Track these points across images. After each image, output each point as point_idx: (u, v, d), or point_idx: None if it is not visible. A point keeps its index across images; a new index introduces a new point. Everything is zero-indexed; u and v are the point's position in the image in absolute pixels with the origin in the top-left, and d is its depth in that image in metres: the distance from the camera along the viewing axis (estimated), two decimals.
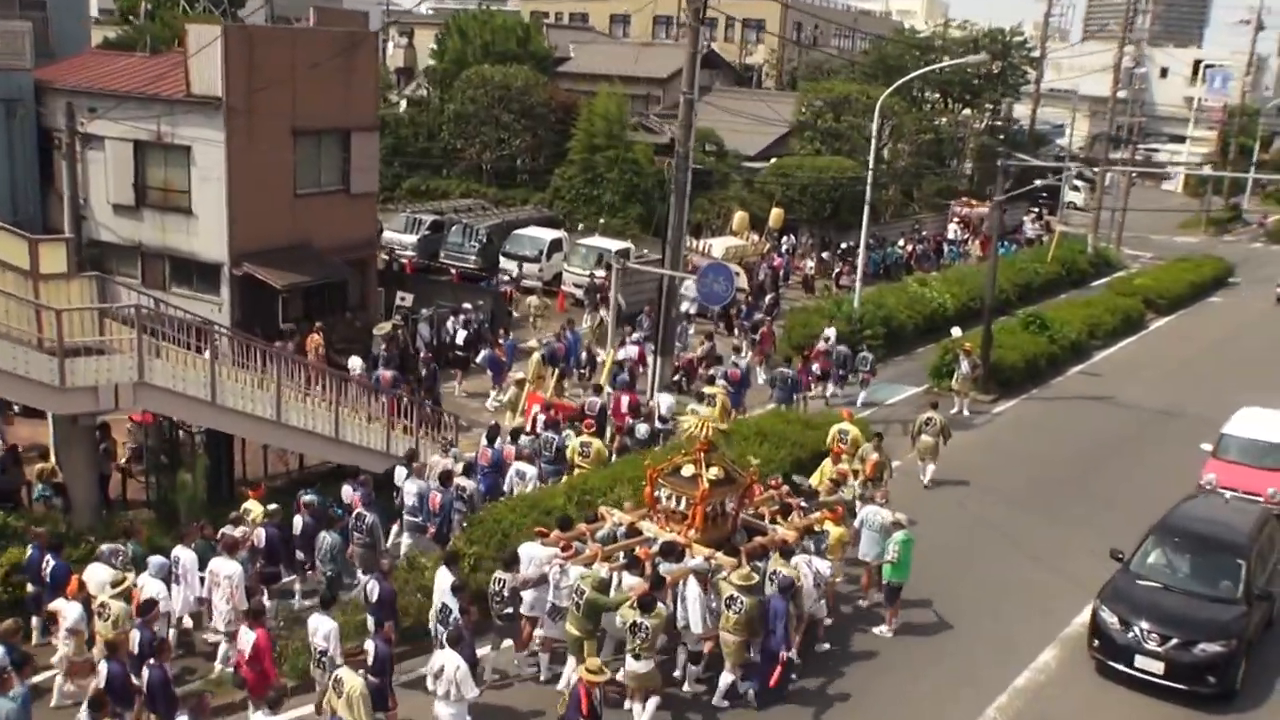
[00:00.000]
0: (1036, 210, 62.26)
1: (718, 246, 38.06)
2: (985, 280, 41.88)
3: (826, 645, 17.18)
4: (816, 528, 17.36)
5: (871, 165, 34.54)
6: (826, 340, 30.52)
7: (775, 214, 41.40)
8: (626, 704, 14.75)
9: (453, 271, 37.59)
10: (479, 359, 28.23)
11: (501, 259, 38.05)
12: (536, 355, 27.16)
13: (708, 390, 25.67)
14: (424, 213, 40.67)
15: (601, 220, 43.82)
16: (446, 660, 13.21)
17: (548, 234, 39.02)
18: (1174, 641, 16.29)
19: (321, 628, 13.87)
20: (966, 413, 29.28)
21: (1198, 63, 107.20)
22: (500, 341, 28.18)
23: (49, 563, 15.31)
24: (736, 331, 33.93)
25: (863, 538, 18.44)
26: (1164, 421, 30.39)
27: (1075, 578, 19.74)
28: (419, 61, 67.52)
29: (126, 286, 21.96)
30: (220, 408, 18.89)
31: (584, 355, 29.70)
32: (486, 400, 27.81)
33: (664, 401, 24.77)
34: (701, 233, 42.21)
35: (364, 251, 30.44)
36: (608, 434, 23.89)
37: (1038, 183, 48.87)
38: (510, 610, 15.35)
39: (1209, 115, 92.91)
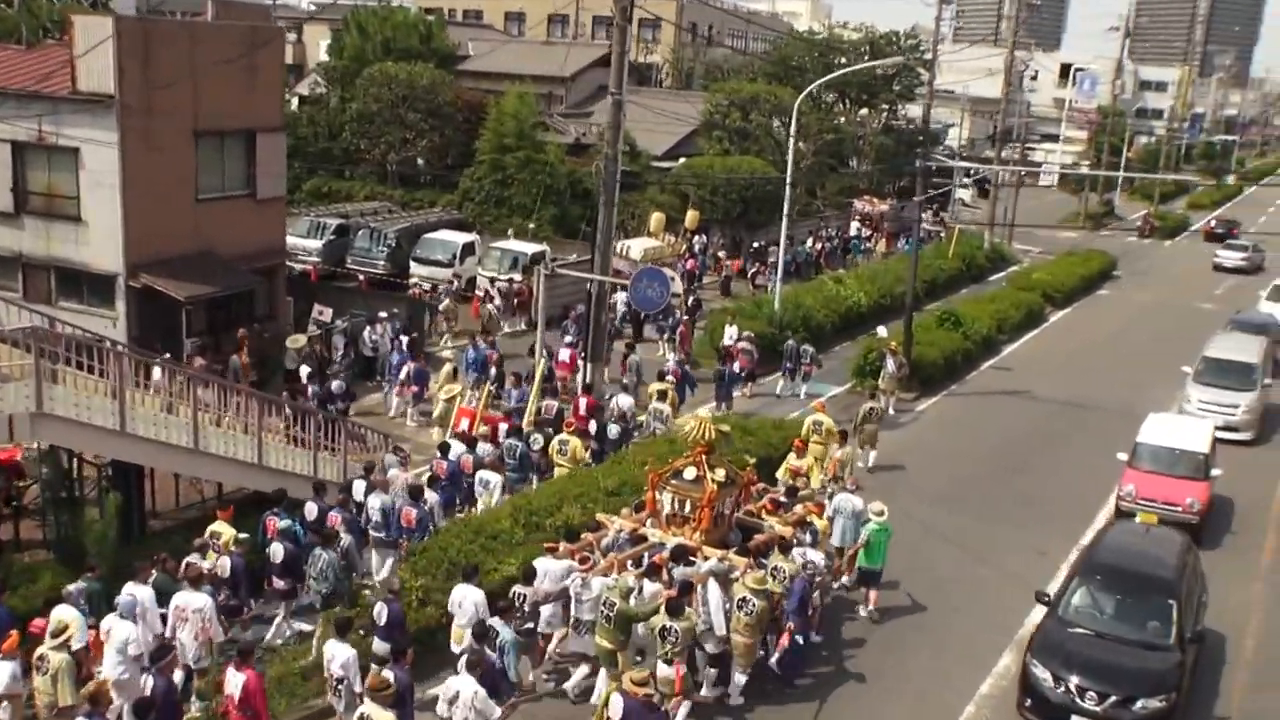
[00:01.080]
0: (933, 208, 62.09)
1: (635, 249, 36.50)
2: (896, 278, 41.86)
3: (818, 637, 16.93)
4: (807, 520, 17.29)
5: (790, 164, 33.30)
6: (732, 340, 29.74)
7: (691, 215, 40.03)
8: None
9: (360, 278, 35.39)
10: (403, 372, 26.24)
11: (412, 264, 35.89)
12: (447, 367, 25.19)
13: (656, 387, 24.99)
14: (328, 216, 38.15)
15: (514, 222, 41.92)
16: (463, 685, 12.32)
17: (460, 237, 36.95)
18: (1112, 699, 14.74)
19: (339, 655, 13.01)
20: (892, 411, 28.39)
21: (1065, 66, 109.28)
22: (424, 351, 26.24)
23: None
24: (659, 334, 32.43)
25: (836, 525, 18.33)
26: (1076, 414, 30.38)
27: (1017, 575, 19.74)
28: (309, 58, 64.59)
29: (6, 301, 19.61)
30: (130, 437, 16.69)
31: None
32: (408, 416, 25.79)
33: (624, 402, 23.93)
34: (624, 233, 40.62)
35: (272, 260, 28.00)
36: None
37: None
38: (531, 625, 14.58)
39: (1080, 117, 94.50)
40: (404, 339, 27.12)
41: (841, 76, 49.31)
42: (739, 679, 15.14)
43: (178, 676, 13.32)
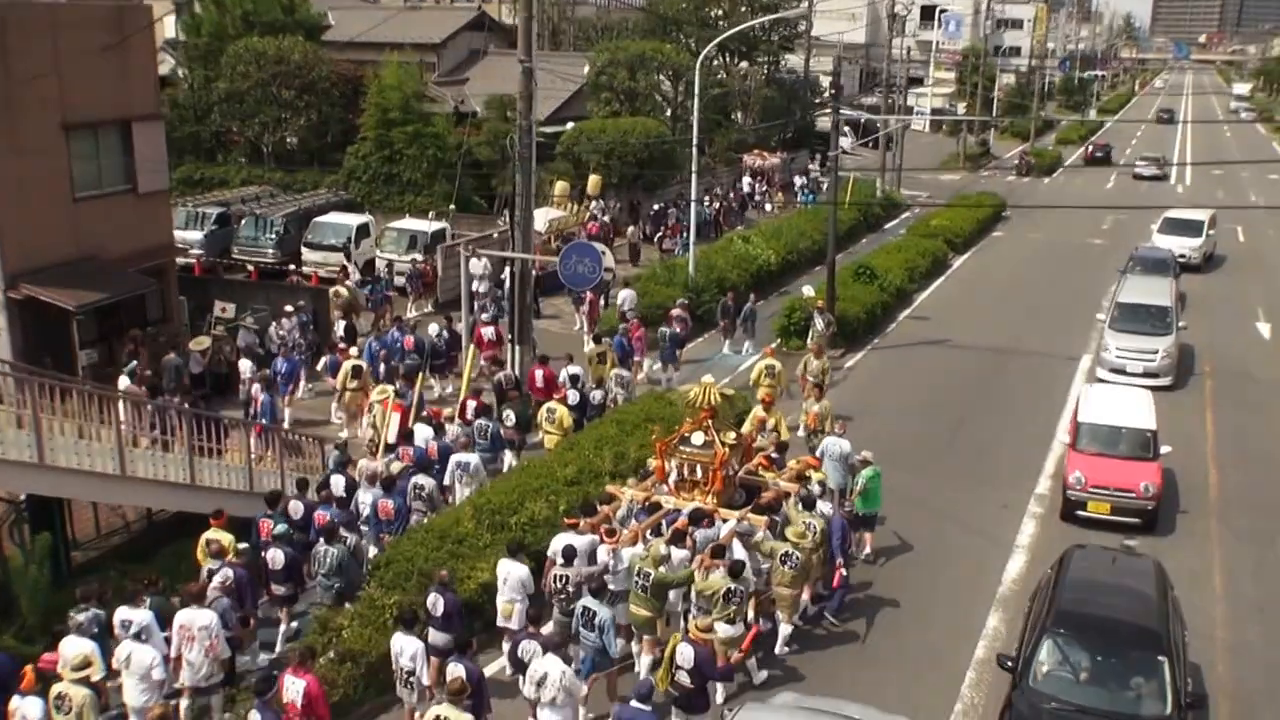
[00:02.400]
0: (816, 156, 62.18)
1: (539, 219, 35.29)
2: (799, 232, 41.68)
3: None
4: (805, 474, 17.46)
5: (696, 124, 32.61)
6: (620, 305, 29.22)
7: (593, 180, 39.04)
8: None
9: (250, 268, 33.64)
10: (320, 365, 24.91)
11: (303, 249, 34.16)
12: (347, 365, 23.54)
13: (593, 349, 25.15)
14: (207, 205, 35.94)
15: (406, 200, 40.41)
16: (550, 666, 12.36)
17: (353, 219, 35.26)
18: None
19: (408, 648, 12.93)
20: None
21: (925, 8, 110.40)
22: (342, 344, 24.90)
23: None
24: (575, 305, 31.50)
25: (825, 467, 18.58)
26: (1000, 360, 30.69)
27: (985, 531, 20.12)
28: (156, 36, 61.19)
29: None
30: (52, 469, 15.25)
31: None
32: (332, 413, 24.47)
33: (572, 372, 23.49)
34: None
35: (161, 258, 26.18)
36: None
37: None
38: (573, 607, 14.05)
39: (948, 58, 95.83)
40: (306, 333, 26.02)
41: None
42: (785, 630, 15.65)
43: (184, 702, 13.32)
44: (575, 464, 19.22)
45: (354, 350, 24.45)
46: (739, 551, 14.88)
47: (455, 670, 12.17)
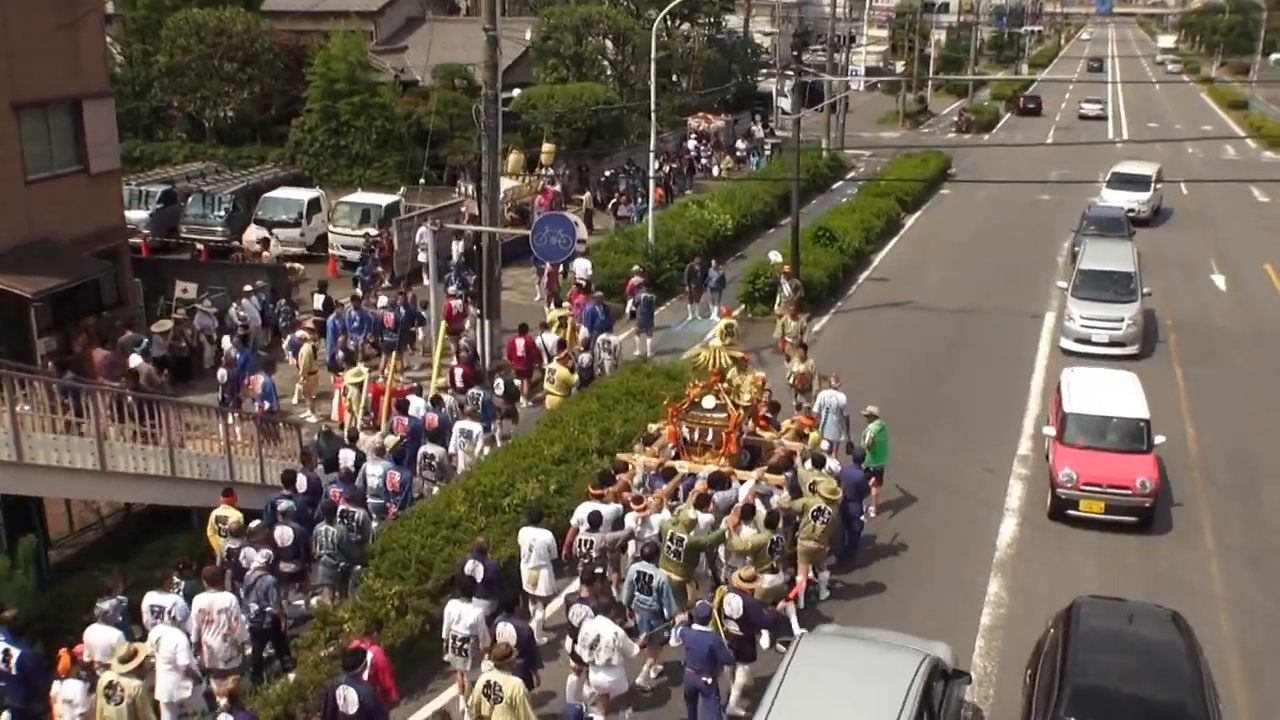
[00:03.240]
0: (759, 117, 61.90)
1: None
2: (751, 196, 41.45)
3: None
4: (804, 432, 17.90)
5: (653, 89, 32.24)
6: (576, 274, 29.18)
7: (547, 148, 38.48)
8: None
9: (199, 248, 32.76)
10: (285, 344, 24.35)
11: (253, 227, 33.29)
12: (306, 348, 23.17)
13: (555, 314, 25.69)
14: (151, 183, 34.86)
15: (354, 173, 39.53)
16: (602, 629, 12.52)
17: (304, 194, 34.39)
18: None
19: (466, 616, 12.87)
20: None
21: None
22: (308, 323, 24.36)
23: (9, 651, 12.11)
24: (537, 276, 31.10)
25: (823, 420, 19.26)
26: (964, 320, 30.68)
27: (974, 495, 20.04)
28: None
29: None
30: (30, 467, 14.69)
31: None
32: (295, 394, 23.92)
33: (550, 340, 24.07)
34: (478, 175, 38.66)
35: (114, 240, 25.35)
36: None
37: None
38: (600, 570, 14.28)
39: (881, 15, 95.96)
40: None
41: None
42: (824, 576, 16.34)
43: (199, 687, 13.05)
44: (561, 442, 18.94)
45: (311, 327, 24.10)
46: (761, 512, 15.13)
47: (505, 631, 12.51)
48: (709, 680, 12.52)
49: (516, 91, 45.26)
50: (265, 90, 43.18)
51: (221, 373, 21.50)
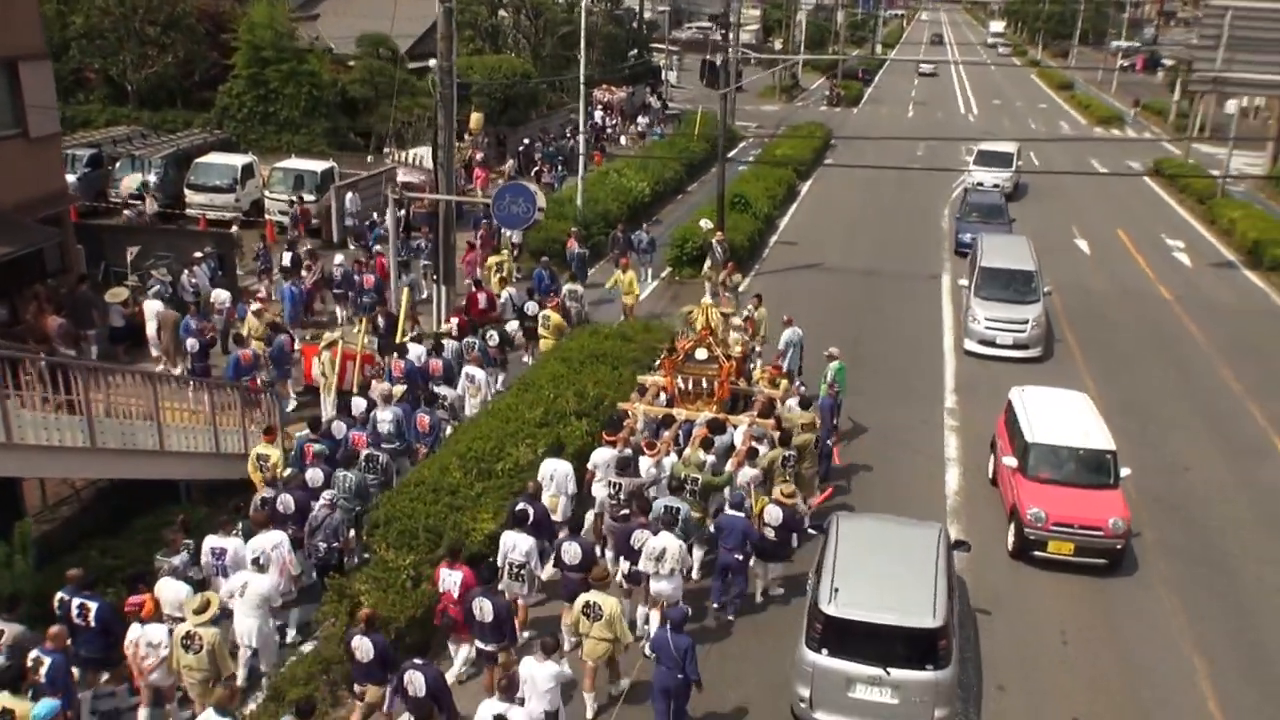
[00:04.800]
0: (647, 88, 60.72)
1: (428, 156, 32.95)
2: (662, 164, 40.35)
3: None
4: (776, 381, 18.29)
5: (583, 62, 30.85)
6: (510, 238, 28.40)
7: (475, 118, 36.52)
8: None
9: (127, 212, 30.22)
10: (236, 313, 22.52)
11: (187, 191, 30.89)
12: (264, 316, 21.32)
13: (494, 259, 25.44)
14: (77, 147, 31.74)
15: (283, 139, 37.09)
16: (668, 542, 12.86)
17: (238, 159, 31.86)
18: None
19: (520, 544, 12.92)
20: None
21: None
22: (260, 294, 22.57)
23: (85, 605, 11.56)
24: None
25: (788, 355, 20.38)
26: (871, 281, 30.46)
27: (913, 446, 19.80)
28: None
29: None
30: (20, 448, 12.94)
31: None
32: None
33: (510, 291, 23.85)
34: (402, 143, 36.76)
35: (57, 206, 23.03)
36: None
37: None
38: (626, 511, 14.04)
39: None
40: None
41: None
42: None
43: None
44: (540, 405, 17.81)
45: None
46: (763, 450, 15.79)
47: (571, 549, 12.97)
48: (740, 558, 13.77)
49: (432, 62, 43.21)
50: (188, 55, 40.09)
51: (191, 342, 19.66)
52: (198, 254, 23.75)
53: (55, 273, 22.92)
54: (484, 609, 11.68)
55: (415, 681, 10.69)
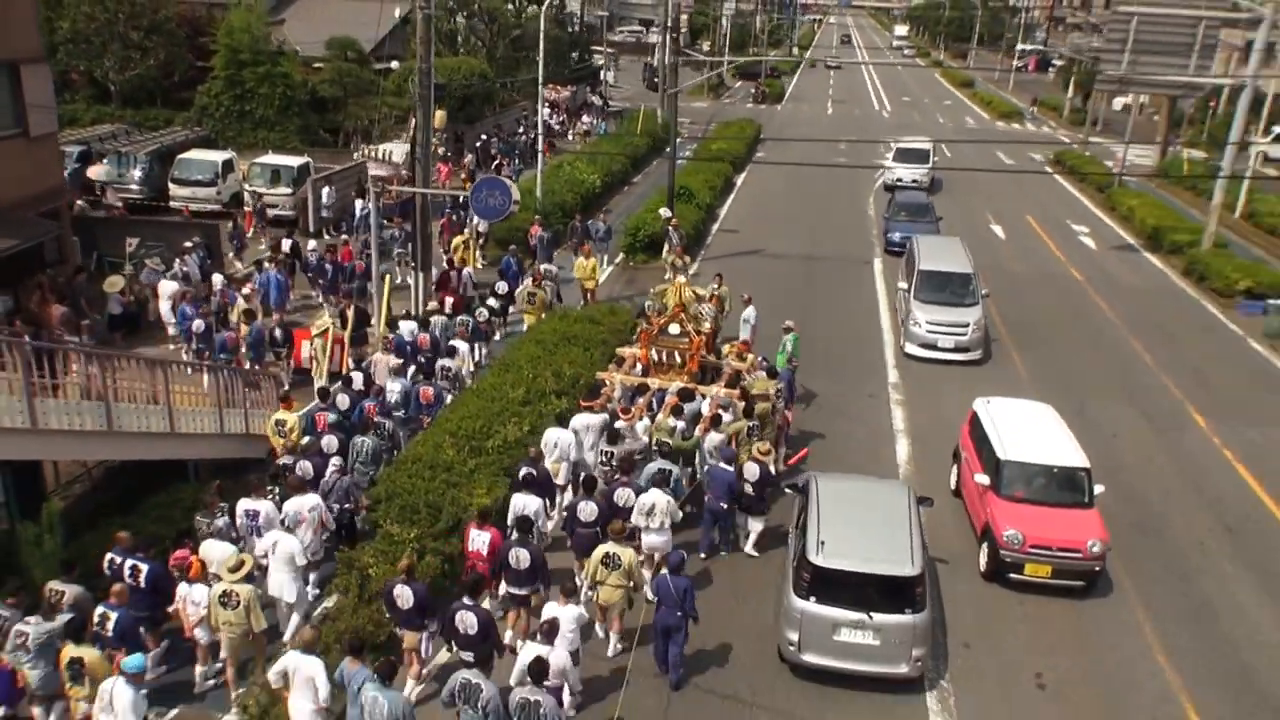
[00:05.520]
0: (588, 87, 60.26)
1: (397, 152, 32.40)
2: (610, 158, 40.07)
3: None
4: (742, 355, 18.35)
5: (541, 61, 30.46)
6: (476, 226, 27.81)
7: (439, 115, 35.94)
8: None
9: (117, 205, 29.30)
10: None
11: (171, 185, 29.99)
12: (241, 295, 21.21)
13: (460, 238, 25.57)
14: (68, 143, 30.31)
15: (259, 136, 36.13)
16: (657, 498, 13.16)
17: (218, 155, 31.05)
18: None
19: (530, 504, 13.00)
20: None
21: None
22: (245, 289, 22.00)
23: (137, 567, 11.52)
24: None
25: (744, 329, 20.65)
26: (809, 266, 30.41)
27: (863, 418, 19.78)
28: None
29: None
30: (43, 433, 12.51)
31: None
32: None
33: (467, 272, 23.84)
34: (370, 139, 36.05)
35: (54, 201, 22.26)
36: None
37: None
38: (619, 476, 14.14)
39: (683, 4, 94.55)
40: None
41: None
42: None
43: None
44: (522, 385, 17.65)
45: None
46: (728, 416, 15.97)
47: (587, 508, 13.07)
48: (725, 505, 14.29)
49: (395, 63, 42.52)
50: (168, 58, 38.98)
51: (198, 323, 19.18)
52: (187, 244, 23.13)
53: (53, 263, 22.14)
54: (520, 558, 11.87)
55: (467, 621, 10.78)
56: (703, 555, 14.46)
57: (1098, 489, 14.59)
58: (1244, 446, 19.15)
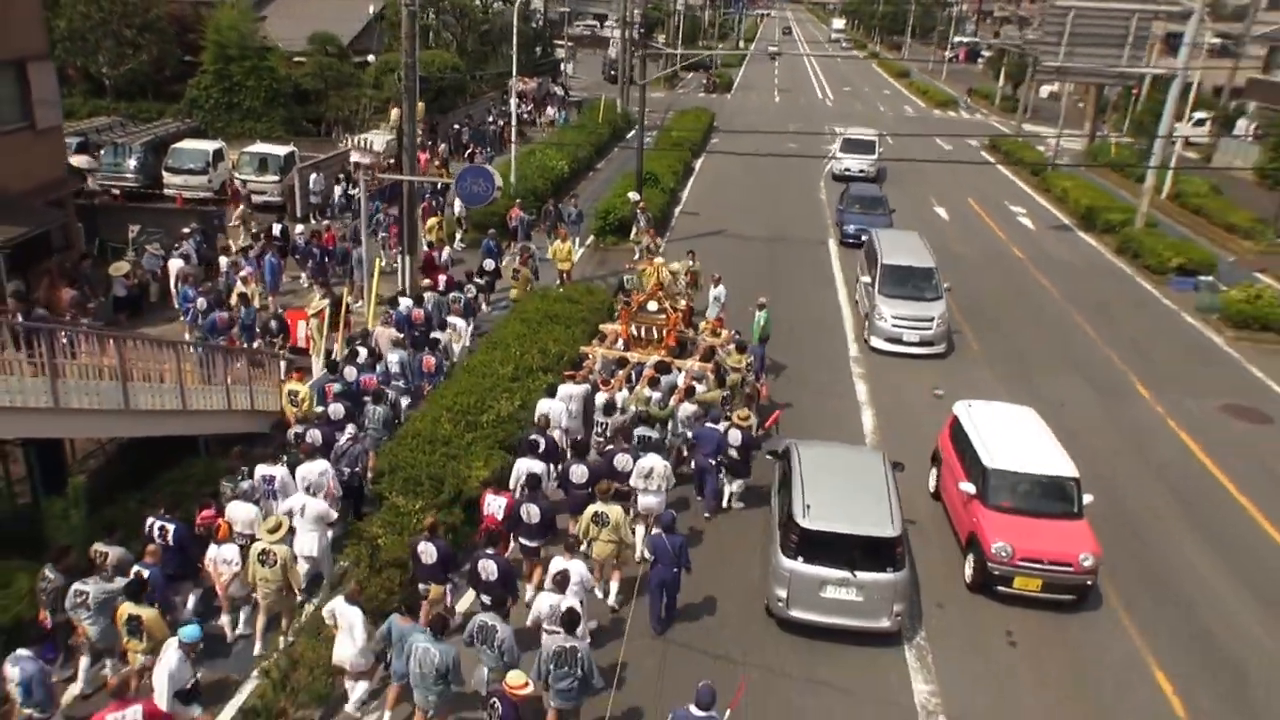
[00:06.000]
0: (553, 80, 59.68)
1: (377, 142, 31.72)
2: (576, 145, 39.75)
3: None
4: (717, 331, 18.49)
5: (515, 55, 30.06)
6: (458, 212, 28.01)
7: (420, 106, 35.47)
8: None
9: (115, 193, 28.65)
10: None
11: (165, 174, 29.35)
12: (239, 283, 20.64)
13: (433, 221, 25.55)
14: (65, 135, 29.59)
15: (246, 126, 35.37)
16: (655, 461, 13.28)
17: (209, 145, 30.34)
18: None
19: (534, 466, 13.03)
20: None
21: None
22: (244, 271, 21.58)
23: (165, 527, 11.61)
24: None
25: (712, 307, 20.34)
26: (769, 246, 30.36)
27: (833, 392, 19.72)
28: None
29: None
30: (65, 412, 12.26)
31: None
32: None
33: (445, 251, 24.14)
34: (350, 128, 35.42)
35: (59, 190, 21.73)
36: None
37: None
38: (611, 447, 14.19)
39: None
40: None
41: None
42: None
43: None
44: (510, 363, 17.59)
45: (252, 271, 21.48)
46: (700, 387, 16.12)
47: (578, 470, 13.18)
48: (713, 462, 14.48)
49: (371, 57, 41.80)
50: (160, 53, 38.16)
51: (201, 301, 18.91)
52: (185, 230, 22.69)
53: (59, 249, 21.66)
54: (531, 513, 12.16)
55: (488, 568, 10.99)
56: (707, 516, 14.72)
57: (1086, 498, 13.41)
58: (1185, 417, 19.30)
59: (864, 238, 26.88)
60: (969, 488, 13.68)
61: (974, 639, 12.57)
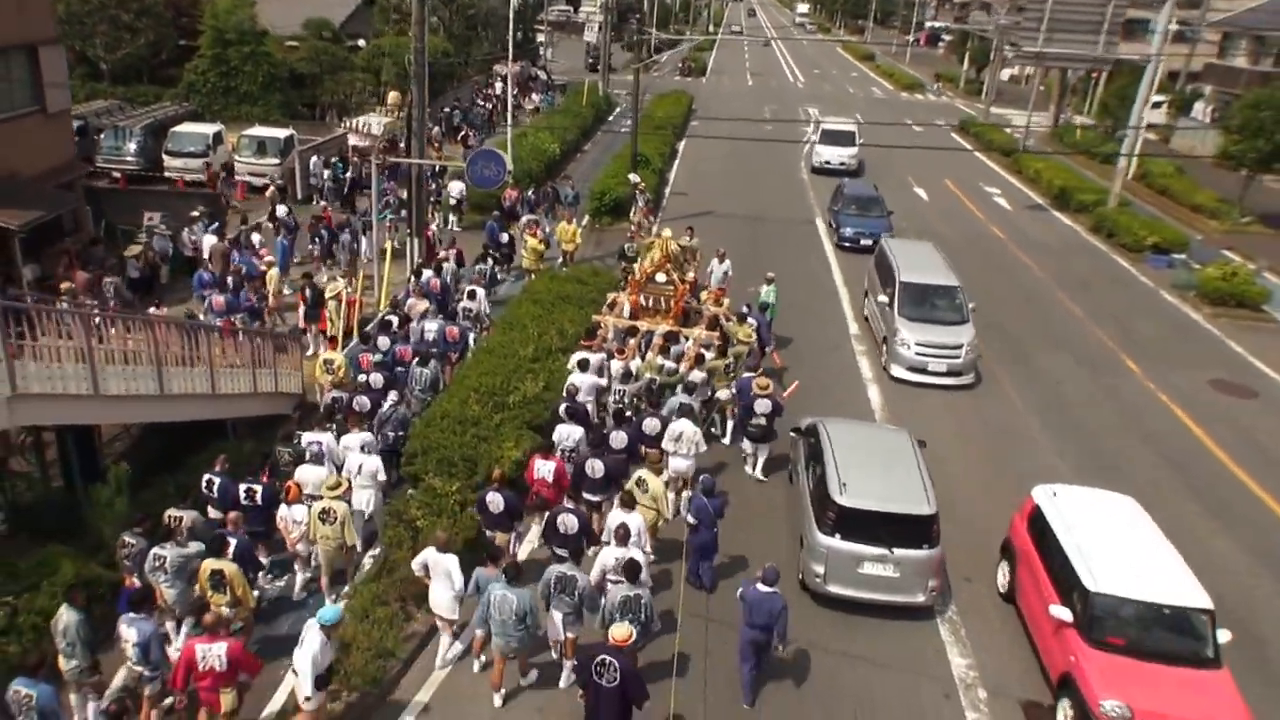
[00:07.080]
0: (534, 64, 58.80)
1: (375, 125, 31.23)
2: (564, 128, 39.14)
3: None
4: (719, 301, 18.66)
5: (511, 41, 29.42)
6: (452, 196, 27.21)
7: (394, 96, 34.80)
8: None
9: (116, 176, 27.79)
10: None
11: (165, 157, 28.48)
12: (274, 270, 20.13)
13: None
14: None
15: (243, 110, 34.45)
16: (685, 426, 13.33)
17: (208, 128, 29.47)
18: None
19: (574, 433, 13.21)
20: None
21: None
22: (266, 256, 21.01)
23: (253, 489, 11.83)
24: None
25: (713, 277, 20.50)
26: (758, 226, 29.92)
27: (837, 368, 19.48)
28: None
29: None
30: (106, 399, 11.81)
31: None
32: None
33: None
34: (346, 112, 34.65)
35: (70, 174, 21.02)
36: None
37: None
38: (630, 415, 14.08)
39: None
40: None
41: None
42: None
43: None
44: (530, 344, 17.21)
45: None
46: (708, 355, 16.23)
47: (618, 437, 13.07)
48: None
49: (361, 42, 40.85)
50: (157, 38, 36.97)
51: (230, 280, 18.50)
52: (193, 213, 22.04)
53: (70, 232, 20.96)
54: (595, 468, 12.43)
55: (567, 523, 11.10)
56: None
57: (1222, 636, 9.79)
58: (1174, 392, 19.25)
59: (864, 241, 26.23)
60: (1063, 614, 10.21)
61: (1001, 612, 12.31)
